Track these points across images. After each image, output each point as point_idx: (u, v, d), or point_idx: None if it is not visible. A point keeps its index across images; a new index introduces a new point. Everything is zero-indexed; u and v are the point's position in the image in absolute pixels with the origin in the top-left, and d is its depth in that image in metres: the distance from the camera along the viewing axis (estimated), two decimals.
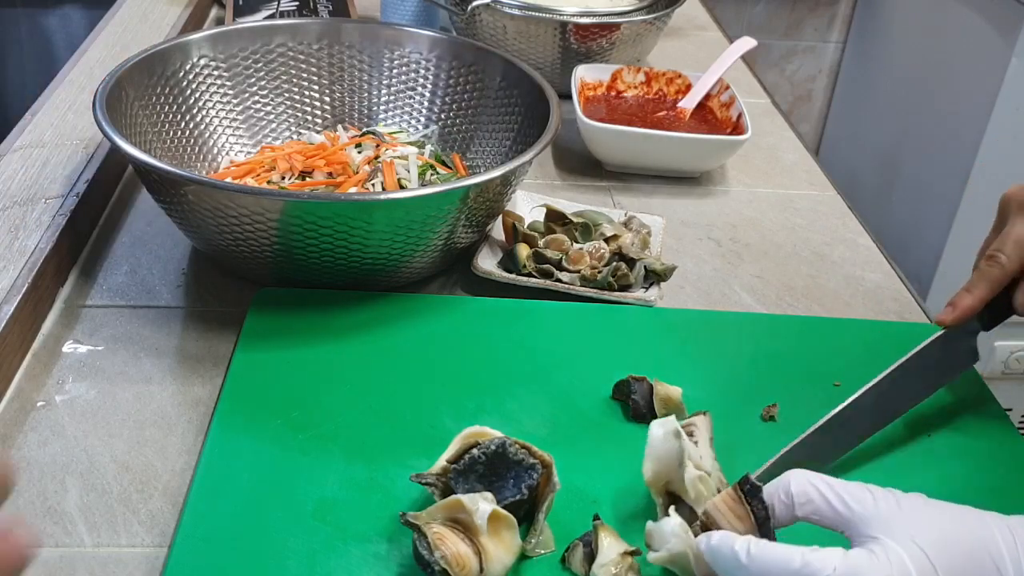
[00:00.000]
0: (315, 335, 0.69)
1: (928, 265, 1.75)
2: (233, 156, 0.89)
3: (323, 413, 0.62)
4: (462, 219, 0.72)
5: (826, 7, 2.13)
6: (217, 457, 0.59)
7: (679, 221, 0.92)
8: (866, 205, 1.75)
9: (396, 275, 0.74)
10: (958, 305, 0.63)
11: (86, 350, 0.70)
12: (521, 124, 0.85)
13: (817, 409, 0.63)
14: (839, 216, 0.95)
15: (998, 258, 0.62)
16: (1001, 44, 1.59)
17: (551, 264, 0.78)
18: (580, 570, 0.53)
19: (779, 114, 1.18)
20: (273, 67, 0.91)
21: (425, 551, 0.49)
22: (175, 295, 0.76)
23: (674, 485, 0.54)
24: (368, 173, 0.83)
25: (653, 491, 0.55)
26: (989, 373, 1.80)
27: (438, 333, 0.70)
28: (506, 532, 0.52)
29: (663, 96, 1.07)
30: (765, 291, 0.82)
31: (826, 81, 2.22)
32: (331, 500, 0.56)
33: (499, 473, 0.54)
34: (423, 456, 0.58)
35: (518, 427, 0.62)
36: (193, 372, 0.68)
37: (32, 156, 0.86)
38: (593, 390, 0.66)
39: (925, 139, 1.83)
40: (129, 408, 0.65)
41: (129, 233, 0.84)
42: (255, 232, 0.68)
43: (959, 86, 1.72)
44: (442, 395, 0.65)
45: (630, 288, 0.78)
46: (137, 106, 0.80)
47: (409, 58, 0.93)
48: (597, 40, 1.09)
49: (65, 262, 0.77)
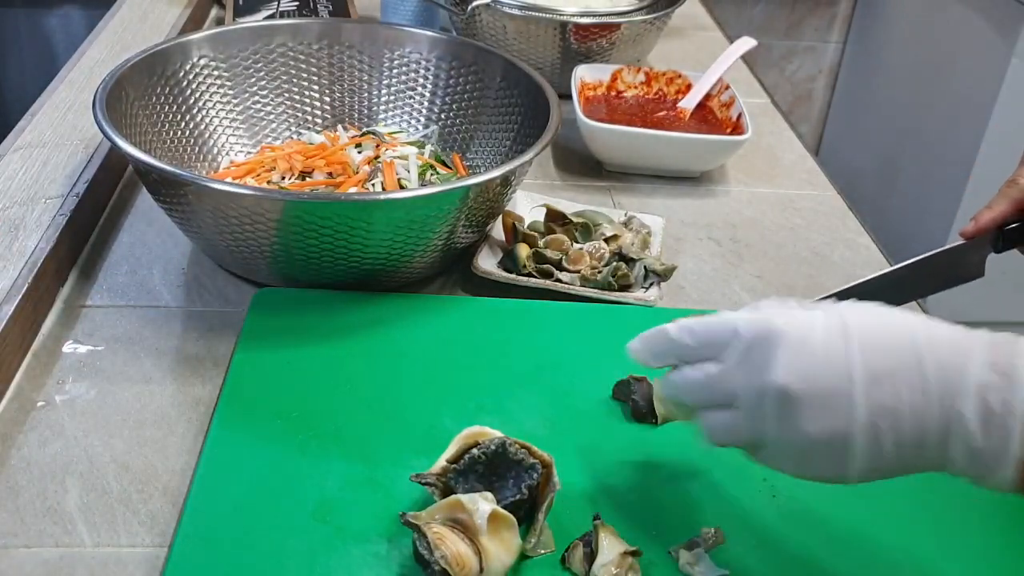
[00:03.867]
0: (315, 335, 0.69)
1: None
2: (233, 156, 0.89)
3: (323, 413, 0.62)
4: (462, 219, 0.72)
5: (826, 7, 2.13)
6: (217, 457, 0.59)
7: (679, 221, 0.92)
8: (866, 205, 1.75)
9: (396, 275, 0.74)
10: (979, 219, 0.68)
11: (86, 350, 0.70)
12: (521, 124, 0.85)
13: None
14: (839, 216, 0.95)
15: (1018, 180, 0.67)
16: (1001, 44, 1.59)
17: (551, 264, 0.78)
18: (580, 570, 0.53)
19: (779, 114, 1.18)
20: (273, 67, 0.91)
21: (425, 551, 0.49)
22: (175, 295, 0.76)
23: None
24: (368, 173, 0.84)
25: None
26: None
27: (438, 333, 0.70)
28: (506, 532, 0.52)
29: (663, 96, 1.07)
30: (765, 291, 0.82)
31: (826, 81, 2.22)
32: (331, 500, 0.56)
33: (499, 473, 0.54)
34: (423, 456, 0.58)
35: (518, 427, 0.62)
36: (193, 372, 0.68)
37: (32, 156, 0.86)
38: (593, 390, 0.66)
39: (925, 139, 1.83)
40: (129, 408, 0.65)
41: (129, 233, 0.84)
42: (255, 232, 0.68)
43: (959, 86, 1.72)
44: (442, 395, 0.65)
45: (630, 288, 0.78)
46: (137, 106, 0.80)
47: (409, 58, 0.93)
48: (597, 40, 1.09)
49: (65, 262, 0.77)
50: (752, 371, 0.47)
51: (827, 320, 0.47)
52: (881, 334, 0.46)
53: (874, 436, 0.45)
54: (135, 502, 0.58)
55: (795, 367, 0.46)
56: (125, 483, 0.59)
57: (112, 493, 0.58)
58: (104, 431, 0.63)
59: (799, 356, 0.46)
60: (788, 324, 0.47)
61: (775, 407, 0.46)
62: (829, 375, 0.45)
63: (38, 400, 0.65)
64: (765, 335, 0.47)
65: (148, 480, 0.60)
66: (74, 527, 0.56)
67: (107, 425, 0.63)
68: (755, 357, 0.47)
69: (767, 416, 0.47)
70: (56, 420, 0.63)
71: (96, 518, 0.57)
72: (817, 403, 0.45)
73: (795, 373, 0.46)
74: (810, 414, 0.45)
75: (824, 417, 0.45)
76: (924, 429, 0.44)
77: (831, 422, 0.45)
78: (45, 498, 0.58)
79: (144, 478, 0.60)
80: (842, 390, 0.45)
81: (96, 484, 0.59)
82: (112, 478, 0.59)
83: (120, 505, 0.58)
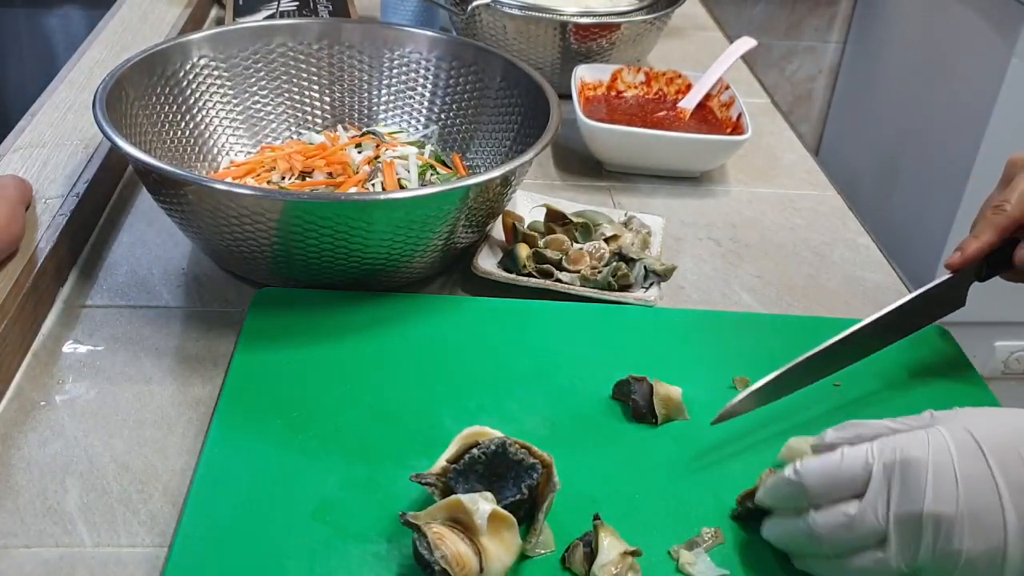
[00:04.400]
0: (315, 335, 0.69)
1: (928, 265, 1.75)
2: (233, 156, 0.89)
3: (323, 413, 0.62)
4: (462, 219, 0.72)
5: (826, 7, 2.13)
6: (217, 457, 0.59)
7: (679, 221, 0.92)
8: (866, 205, 1.75)
9: (396, 275, 0.74)
10: (966, 250, 0.66)
11: (86, 350, 0.70)
12: (521, 124, 0.85)
13: (817, 409, 0.63)
14: (839, 216, 0.95)
15: (1004, 207, 0.65)
16: (1001, 44, 1.59)
17: (551, 264, 0.78)
18: (580, 570, 0.53)
19: (779, 114, 1.18)
20: (273, 67, 0.91)
21: (425, 551, 0.49)
22: (175, 295, 0.76)
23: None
24: (368, 173, 0.84)
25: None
26: (989, 373, 1.80)
27: (438, 333, 0.70)
28: (506, 532, 0.52)
29: (663, 96, 1.07)
30: (765, 291, 0.82)
31: (826, 81, 2.22)
32: (331, 500, 0.56)
33: (499, 473, 0.54)
34: (423, 456, 0.58)
35: (518, 427, 0.62)
36: (193, 372, 0.68)
37: (32, 156, 0.86)
38: (593, 390, 0.66)
39: (925, 139, 1.83)
40: (129, 408, 0.65)
41: (129, 233, 0.84)
42: (255, 232, 0.68)
43: (959, 86, 1.72)
44: (442, 395, 0.65)
45: (630, 288, 0.78)
46: (137, 106, 0.80)
47: (409, 58, 0.93)
48: (597, 40, 1.09)
49: (65, 262, 0.77)
50: (901, 504, 0.48)
51: (954, 436, 0.48)
52: (1013, 441, 0.48)
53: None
54: (135, 502, 0.58)
55: (944, 493, 0.47)
56: (125, 483, 0.59)
57: (112, 493, 0.58)
58: (104, 431, 0.63)
59: (945, 481, 0.47)
60: (922, 449, 0.48)
61: (931, 536, 0.47)
62: (977, 494, 0.47)
63: (38, 400, 0.65)
64: (905, 465, 0.48)
65: (148, 480, 0.60)
66: (74, 527, 0.56)
67: (107, 425, 0.63)
68: (900, 490, 0.48)
69: (922, 546, 0.48)
70: (56, 420, 0.63)
71: (96, 518, 0.57)
72: (970, 524, 0.47)
73: (945, 499, 0.47)
74: (966, 536, 0.47)
75: (979, 535, 0.47)
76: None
77: (986, 539, 0.47)
78: (45, 498, 0.58)
79: (144, 478, 0.60)
80: (992, 506, 0.47)
81: (96, 484, 0.59)
82: (112, 478, 0.59)
83: (120, 505, 0.58)
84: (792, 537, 0.53)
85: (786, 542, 0.53)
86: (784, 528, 0.53)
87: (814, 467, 0.50)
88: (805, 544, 0.52)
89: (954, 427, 0.49)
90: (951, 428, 0.49)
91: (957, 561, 0.47)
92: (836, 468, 0.50)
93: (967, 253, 0.66)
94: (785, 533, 0.53)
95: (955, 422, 0.50)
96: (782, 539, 0.54)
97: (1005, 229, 0.65)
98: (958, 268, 0.66)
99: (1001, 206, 0.65)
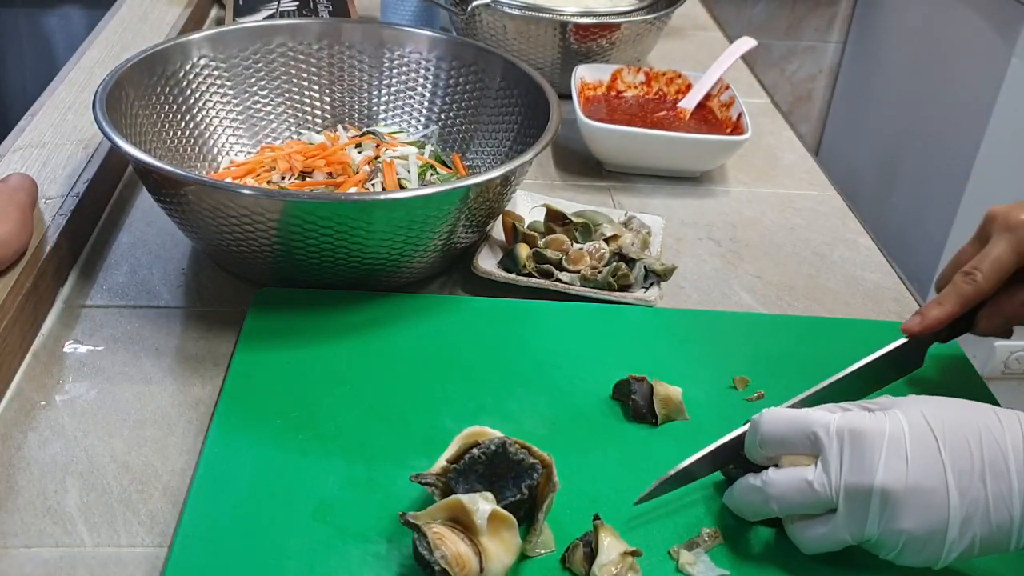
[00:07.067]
0: (315, 335, 0.69)
1: (928, 265, 1.75)
2: (233, 156, 0.89)
3: (323, 413, 0.62)
4: (462, 219, 0.72)
5: (826, 7, 2.13)
6: (217, 457, 0.59)
7: (679, 221, 0.92)
8: (866, 205, 1.75)
9: (396, 275, 0.74)
10: (926, 316, 0.63)
11: (86, 350, 0.70)
12: (521, 124, 0.85)
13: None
14: (839, 216, 0.95)
15: (975, 276, 0.62)
16: (1001, 44, 1.60)
17: (551, 264, 0.78)
18: (580, 570, 0.53)
19: (779, 114, 1.18)
20: (273, 67, 0.91)
21: (425, 551, 0.49)
22: (175, 295, 0.76)
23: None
24: (368, 173, 0.84)
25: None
26: (989, 373, 1.80)
27: (438, 333, 0.70)
28: (506, 532, 0.52)
29: (663, 96, 1.07)
30: (765, 291, 0.82)
31: (826, 81, 2.22)
32: (331, 500, 0.56)
33: (499, 473, 0.54)
34: (423, 456, 0.58)
35: (518, 427, 0.62)
36: (193, 372, 0.68)
37: (32, 156, 0.86)
38: (593, 390, 0.66)
39: (925, 139, 1.83)
40: (129, 408, 0.65)
41: (129, 233, 0.84)
42: (255, 232, 0.68)
43: (959, 86, 1.72)
44: (442, 395, 0.65)
45: (630, 288, 0.78)
46: (137, 106, 0.80)
47: (409, 58, 0.93)
48: (597, 40, 1.09)
49: (65, 262, 0.77)
50: (851, 474, 0.50)
51: (909, 419, 0.51)
52: (963, 429, 0.50)
53: (967, 527, 0.49)
54: (135, 502, 0.58)
55: (894, 469, 0.49)
56: (125, 483, 0.59)
57: (112, 493, 0.58)
58: (104, 431, 0.63)
59: (896, 457, 0.49)
60: (878, 425, 0.50)
61: (878, 509, 0.49)
62: (925, 475, 0.49)
63: (38, 400, 0.65)
64: (860, 437, 0.50)
65: (148, 480, 0.60)
66: (74, 527, 0.56)
67: (107, 425, 0.63)
68: (852, 460, 0.50)
69: (869, 518, 0.50)
70: (56, 420, 0.63)
71: (96, 518, 0.57)
72: (915, 502, 0.49)
73: (895, 474, 0.49)
74: (910, 513, 0.49)
75: (923, 514, 0.49)
76: (1011, 516, 0.49)
77: (928, 519, 0.49)
78: (45, 498, 0.58)
79: (144, 478, 0.60)
80: (939, 489, 0.49)
81: (96, 484, 0.59)
82: (112, 478, 0.59)
83: (120, 505, 0.58)
84: (746, 496, 0.55)
85: (741, 504, 0.55)
86: (740, 488, 0.55)
87: (775, 415, 0.54)
88: (758, 504, 0.54)
89: (910, 410, 0.51)
90: (907, 411, 0.51)
91: (899, 539, 0.49)
92: (800, 419, 0.53)
93: (927, 321, 0.63)
94: (741, 493, 0.55)
95: (912, 406, 0.52)
96: (737, 502, 0.56)
97: (971, 301, 0.62)
98: (916, 334, 0.64)
99: (973, 275, 0.62)
